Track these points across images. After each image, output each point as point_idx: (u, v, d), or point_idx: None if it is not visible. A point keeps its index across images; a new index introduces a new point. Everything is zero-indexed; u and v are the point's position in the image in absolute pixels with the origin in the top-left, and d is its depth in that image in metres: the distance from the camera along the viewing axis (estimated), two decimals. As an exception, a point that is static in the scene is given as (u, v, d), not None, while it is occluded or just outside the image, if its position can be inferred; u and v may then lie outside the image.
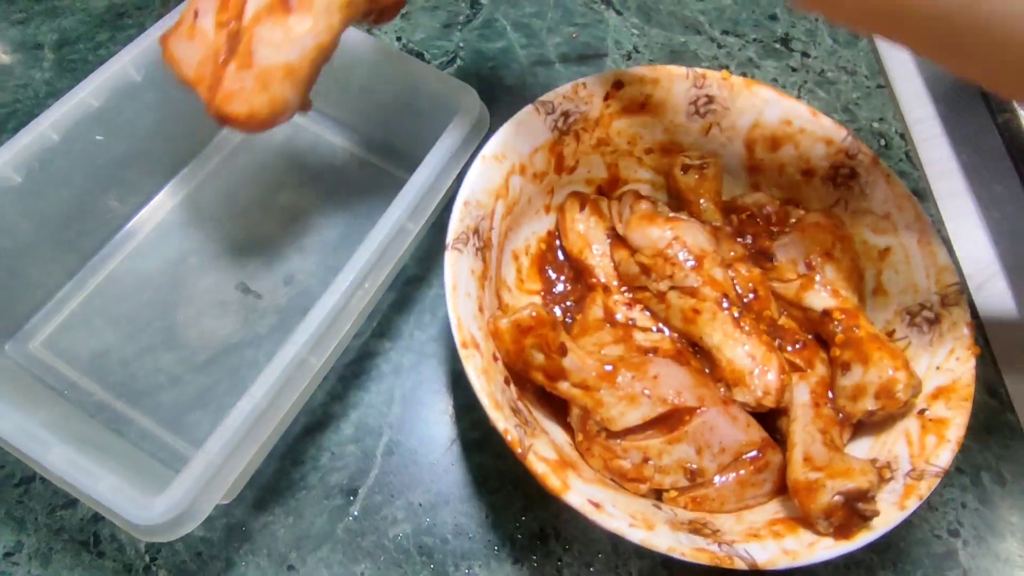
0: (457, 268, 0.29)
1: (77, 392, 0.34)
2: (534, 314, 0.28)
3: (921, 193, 0.46)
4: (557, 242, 0.37)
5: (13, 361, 0.35)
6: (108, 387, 0.35)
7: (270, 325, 0.37)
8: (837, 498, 0.24)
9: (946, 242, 0.43)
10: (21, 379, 0.34)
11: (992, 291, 0.41)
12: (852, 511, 0.24)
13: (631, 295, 0.34)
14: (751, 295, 0.32)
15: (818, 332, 0.32)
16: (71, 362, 0.35)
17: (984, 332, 0.40)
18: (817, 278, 0.31)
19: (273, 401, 0.27)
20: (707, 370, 0.31)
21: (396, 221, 0.31)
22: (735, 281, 0.32)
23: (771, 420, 0.31)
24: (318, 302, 0.29)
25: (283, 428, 0.29)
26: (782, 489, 0.29)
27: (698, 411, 0.28)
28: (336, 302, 0.29)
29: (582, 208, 0.36)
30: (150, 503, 0.24)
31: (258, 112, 0.26)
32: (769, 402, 0.29)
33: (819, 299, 0.30)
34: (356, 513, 0.33)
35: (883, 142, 0.48)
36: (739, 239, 0.34)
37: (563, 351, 0.29)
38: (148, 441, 0.34)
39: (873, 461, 0.27)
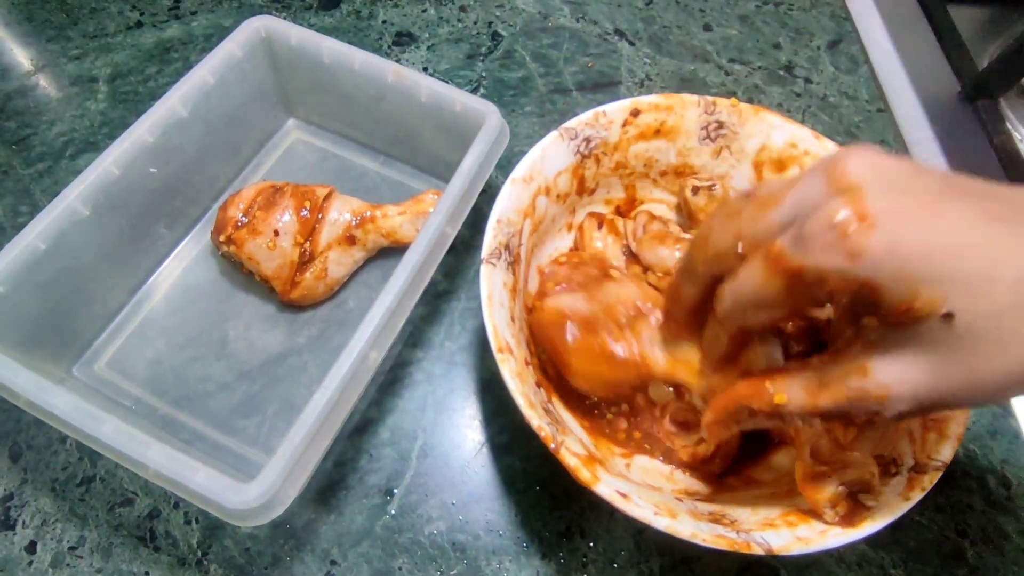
0: (491, 280, 0.31)
1: (143, 406, 0.37)
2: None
3: (922, 210, 0.48)
4: None
5: (82, 383, 0.37)
6: (167, 399, 0.37)
7: (310, 335, 0.40)
8: (840, 489, 0.26)
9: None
10: (92, 398, 0.36)
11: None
12: (855, 501, 0.26)
13: None
14: None
15: (821, 339, 0.34)
16: (133, 378, 0.38)
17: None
18: None
19: (342, 393, 0.30)
20: None
21: (438, 226, 0.34)
22: None
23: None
24: (375, 302, 0.31)
25: (342, 426, 0.31)
26: (793, 490, 0.31)
27: None
28: (391, 302, 0.32)
29: (600, 227, 0.39)
30: (245, 489, 0.27)
31: (318, 300, 0.40)
32: None
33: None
34: (393, 511, 0.35)
35: (884, 162, 0.51)
36: None
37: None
38: (203, 442, 0.36)
39: (879, 457, 0.29)
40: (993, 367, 0.19)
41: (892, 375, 0.21)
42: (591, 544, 0.35)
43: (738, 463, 0.34)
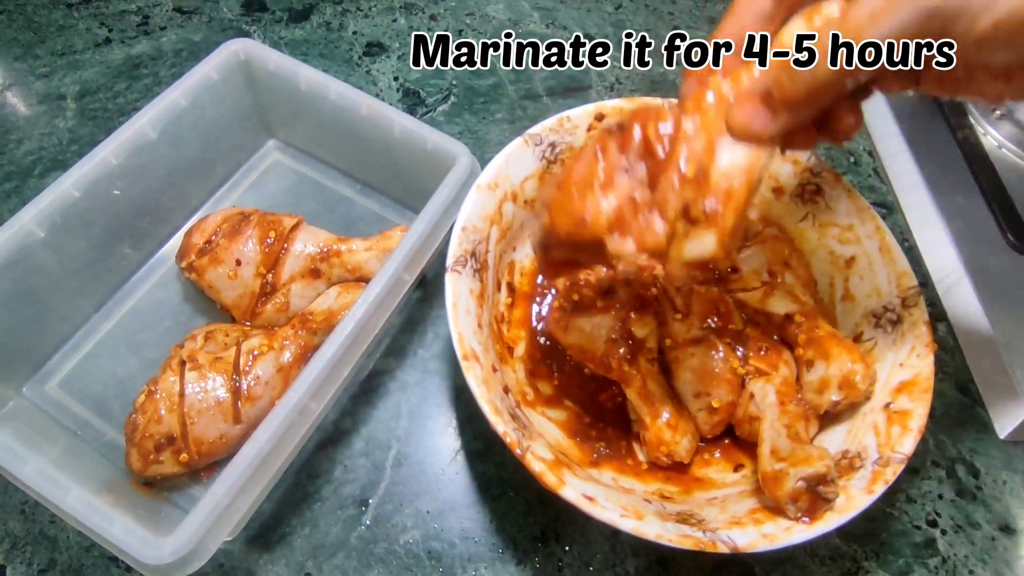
0: (457, 288, 0.31)
1: (89, 430, 0.36)
2: None
3: (889, 206, 0.49)
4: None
5: (31, 402, 0.37)
6: (114, 423, 0.36)
7: (283, 349, 0.40)
8: (800, 483, 0.27)
9: (914, 250, 0.46)
10: (38, 420, 0.36)
11: (958, 294, 0.43)
12: (815, 494, 0.27)
13: None
14: (714, 315, 0.34)
15: (782, 335, 0.34)
16: (83, 400, 0.37)
17: (953, 332, 0.43)
18: (778, 285, 0.34)
19: (277, 445, 0.29)
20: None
21: (393, 274, 0.33)
22: (693, 305, 0.35)
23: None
24: (317, 352, 0.30)
25: (284, 466, 0.30)
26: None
27: None
28: (334, 352, 0.30)
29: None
30: (160, 544, 0.26)
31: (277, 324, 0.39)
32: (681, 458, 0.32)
33: (781, 304, 0.33)
34: (368, 522, 0.35)
35: (852, 159, 0.51)
36: None
37: None
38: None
39: (844, 452, 0.29)
40: None
41: None
42: (566, 548, 0.35)
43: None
